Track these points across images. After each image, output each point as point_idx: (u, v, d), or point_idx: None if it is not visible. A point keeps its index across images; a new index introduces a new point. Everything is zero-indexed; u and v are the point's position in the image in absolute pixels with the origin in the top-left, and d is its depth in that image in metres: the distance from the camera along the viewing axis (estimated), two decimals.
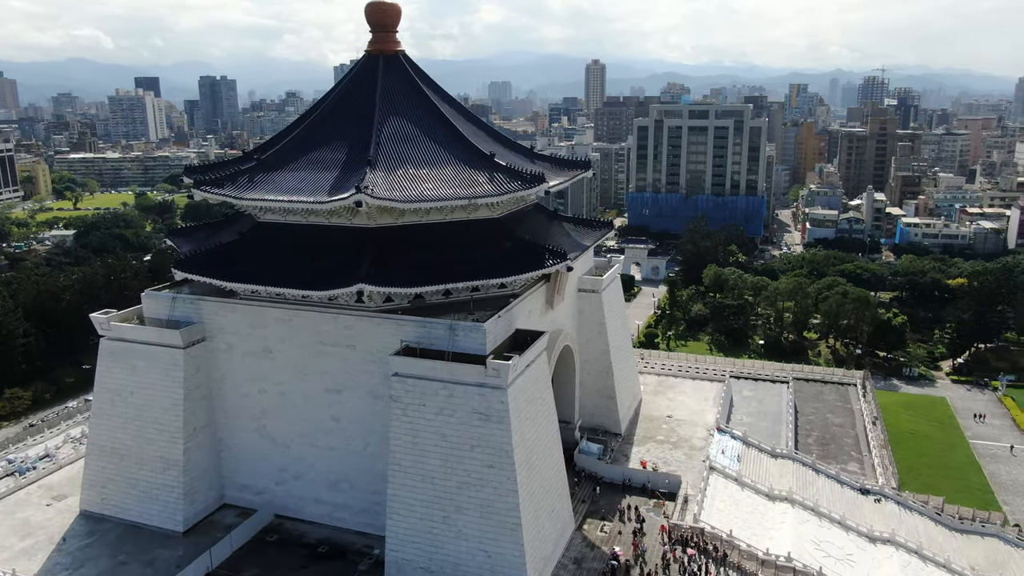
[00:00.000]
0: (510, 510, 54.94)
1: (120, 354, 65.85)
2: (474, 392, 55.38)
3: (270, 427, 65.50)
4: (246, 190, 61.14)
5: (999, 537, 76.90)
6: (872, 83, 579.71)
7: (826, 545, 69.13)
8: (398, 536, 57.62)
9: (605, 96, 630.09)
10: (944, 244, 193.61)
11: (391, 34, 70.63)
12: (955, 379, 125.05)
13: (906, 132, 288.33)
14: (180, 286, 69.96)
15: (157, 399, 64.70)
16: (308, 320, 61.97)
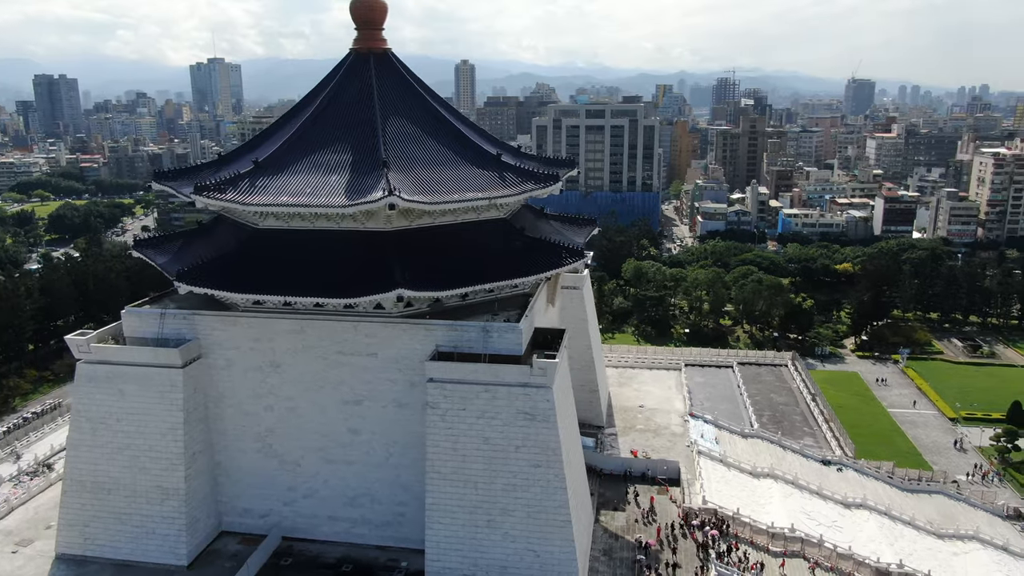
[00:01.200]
0: (559, 507, 55.16)
1: (103, 379, 60.03)
2: (518, 392, 55.10)
3: (277, 445, 61.95)
4: (252, 195, 57.46)
5: (944, 494, 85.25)
6: (724, 84, 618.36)
7: (815, 515, 74.06)
8: (438, 544, 56.38)
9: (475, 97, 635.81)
10: (821, 232, 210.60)
11: (378, 31, 68.62)
12: (860, 355, 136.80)
13: (774, 130, 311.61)
14: (159, 301, 64.88)
15: (151, 424, 59.58)
16: (324, 330, 59.18)
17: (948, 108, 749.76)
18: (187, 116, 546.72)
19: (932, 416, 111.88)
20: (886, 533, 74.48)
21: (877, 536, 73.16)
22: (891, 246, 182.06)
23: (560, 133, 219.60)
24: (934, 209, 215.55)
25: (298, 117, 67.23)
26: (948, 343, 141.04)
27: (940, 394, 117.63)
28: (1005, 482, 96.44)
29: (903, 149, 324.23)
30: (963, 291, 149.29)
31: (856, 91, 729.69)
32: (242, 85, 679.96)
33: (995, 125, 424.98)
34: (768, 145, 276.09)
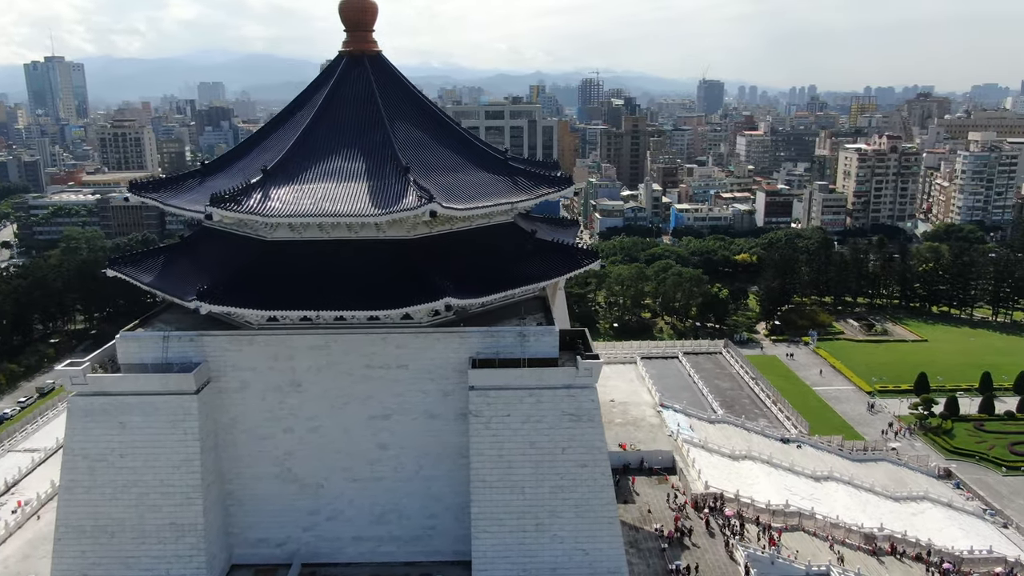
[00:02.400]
0: (606, 505, 56.13)
1: (101, 412, 54.69)
2: (563, 394, 55.49)
3: (297, 469, 58.80)
4: (271, 205, 54.21)
5: (888, 460, 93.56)
6: (588, 84, 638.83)
7: (794, 489, 79.23)
8: (486, 553, 55.82)
9: None
10: (711, 225, 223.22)
11: (370, 33, 66.50)
12: (774, 339, 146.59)
13: (653, 129, 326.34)
14: (149, 324, 59.95)
15: (162, 457, 54.94)
16: (350, 344, 56.84)
17: (786, 107, 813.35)
18: (23, 120, 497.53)
19: (851, 391, 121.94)
20: (855, 501, 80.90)
21: (850, 504, 79.32)
22: (780, 236, 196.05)
23: None
24: (807, 201, 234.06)
25: (292, 123, 64.01)
26: (846, 324, 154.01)
27: (853, 370, 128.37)
28: (915, 435, 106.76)
29: (770, 146, 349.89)
30: (852, 276, 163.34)
31: (707, 91, 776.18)
32: (86, 86, 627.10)
33: (833, 123, 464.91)
34: (651, 144, 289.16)
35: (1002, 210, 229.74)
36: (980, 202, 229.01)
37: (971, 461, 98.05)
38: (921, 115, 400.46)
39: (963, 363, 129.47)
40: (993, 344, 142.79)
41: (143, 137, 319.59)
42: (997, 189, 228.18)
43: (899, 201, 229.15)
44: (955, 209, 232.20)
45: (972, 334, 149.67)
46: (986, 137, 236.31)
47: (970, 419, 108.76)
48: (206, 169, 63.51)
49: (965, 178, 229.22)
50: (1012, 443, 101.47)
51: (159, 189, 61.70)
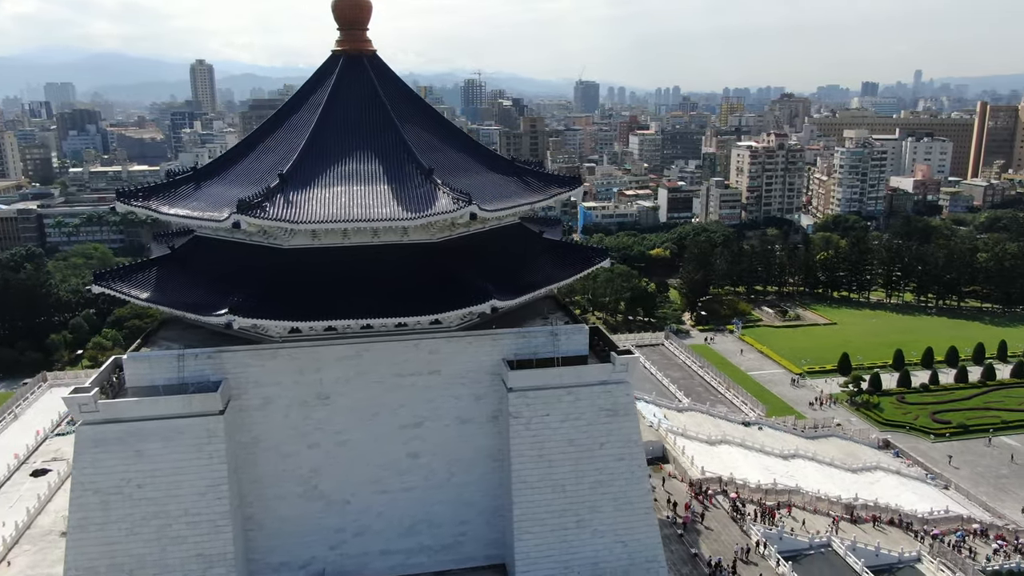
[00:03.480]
0: (643, 496, 57.38)
1: (114, 440, 50.30)
2: (599, 391, 56.24)
3: (324, 485, 56.36)
4: (296, 211, 51.66)
5: (836, 436, 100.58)
6: (471, 85, 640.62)
7: (772, 468, 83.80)
8: (529, 554, 55.73)
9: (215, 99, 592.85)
10: (619, 222, 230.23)
11: (365, 31, 64.48)
12: (701, 329, 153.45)
13: (551, 129, 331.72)
14: (152, 342, 55.72)
15: (185, 484, 51.20)
16: (382, 352, 55.12)
17: (655, 107, 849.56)
18: None
19: (782, 374, 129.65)
20: (822, 475, 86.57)
21: (818, 478, 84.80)
22: (687, 230, 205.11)
23: None
24: (705, 197, 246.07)
25: (290, 125, 61.09)
26: (762, 311, 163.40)
27: (779, 355, 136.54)
28: (848, 410, 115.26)
29: (660, 144, 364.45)
30: (762, 266, 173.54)
31: (584, 92, 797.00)
32: None
33: (706, 121, 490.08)
34: (550, 144, 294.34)
35: (875, 201, 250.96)
36: (857, 194, 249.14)
37: (902, 431, 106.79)
38: (789, 114, 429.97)
39: (873, 342, 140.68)
40: (893, 324, 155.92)
41: (4, 142, 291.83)
42: (871, 182, 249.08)
43: (787, 195, 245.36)
44: (835, 201, 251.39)
45: (873, 315, 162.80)
46: (859, 134, 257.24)
47: (892, 393, 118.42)
48: (199, 174, 59.38)
49: (843, 172, 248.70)
50: (933, 412, 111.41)
51: (150, 197, 57.06)
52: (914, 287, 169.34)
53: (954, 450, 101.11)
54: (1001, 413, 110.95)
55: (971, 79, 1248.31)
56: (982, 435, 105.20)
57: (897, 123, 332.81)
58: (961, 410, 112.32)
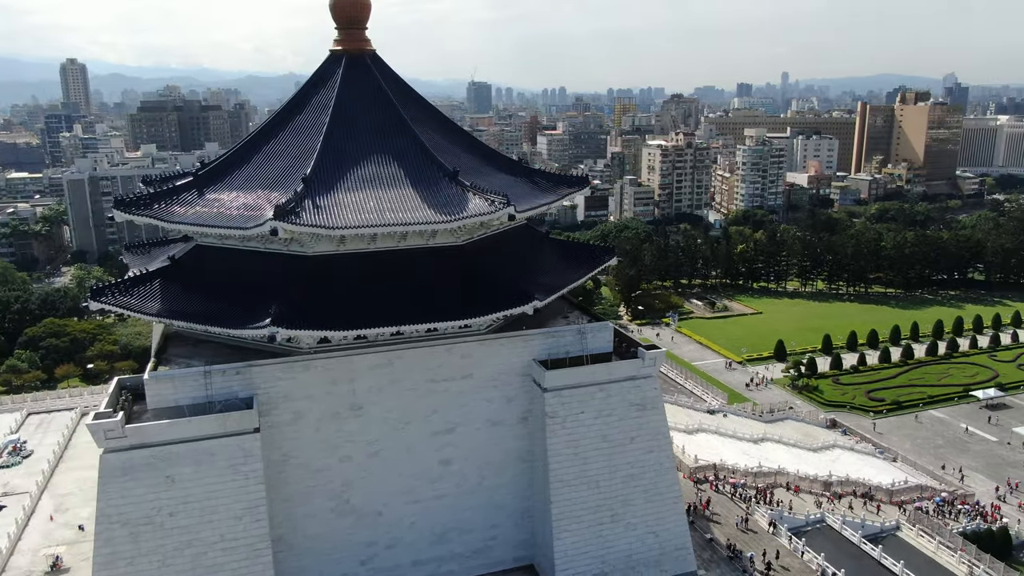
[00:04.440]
0: (671, 485, 58.84)
1: (145, 466, 46.89)
2: (629, 386, 57.23)
3: (356, 499, 54.55)
4: (328, 216, 49.75)
5: (791, 419, 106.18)
6: None
7: (749, 452, 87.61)
8: (567, 552, 56.07)
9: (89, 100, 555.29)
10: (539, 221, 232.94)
11: (364, 31, 62.79)
12: (638, 323, 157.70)
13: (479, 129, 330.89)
14: (168, 360, 52.23)
15: (221, 509, 48.35)
16: (414, 359, 53.88)
17: (544, 107, 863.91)
18: None
19: (722, 362, 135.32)
20: (791, 455, 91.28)
21: (788, 459, 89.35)
22: (609, 227, 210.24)
23: None
24: (619, 195, 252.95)
25: (295, 128, 58.58)
26: (692, 304, 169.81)
27: (717, 344, 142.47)
28: (771, 385, 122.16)
29: (568, 144, 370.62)
30: (687, 260, 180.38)
31: (477, 93, 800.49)
32: None
33: (600, 121, 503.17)
34: None
35: (775, 196, 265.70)
36: (759, 190, 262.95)
37: (843, 411, 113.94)
38: (683, 114, 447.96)
39: (799, 328, 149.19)
40: (813, 311, 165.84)
41: None
42: (771, 178, 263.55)
43: (696, 192, 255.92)
44: (739, 197, 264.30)
45: (793, 304, 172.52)
46: (759, 133, 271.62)
47: (827, 376, 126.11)
48: (200, 180, 56.05)
49: (745, 169, 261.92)
50: (867, 391, 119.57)
51: (152, 205, 53.38)
52: (826, 275, 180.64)
53: (892, 425, 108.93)
54: (925, 389, 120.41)
55: (831, 80, 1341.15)
56: (913, 410, 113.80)
57: (787, 122, 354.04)
58: (891, 388, 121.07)
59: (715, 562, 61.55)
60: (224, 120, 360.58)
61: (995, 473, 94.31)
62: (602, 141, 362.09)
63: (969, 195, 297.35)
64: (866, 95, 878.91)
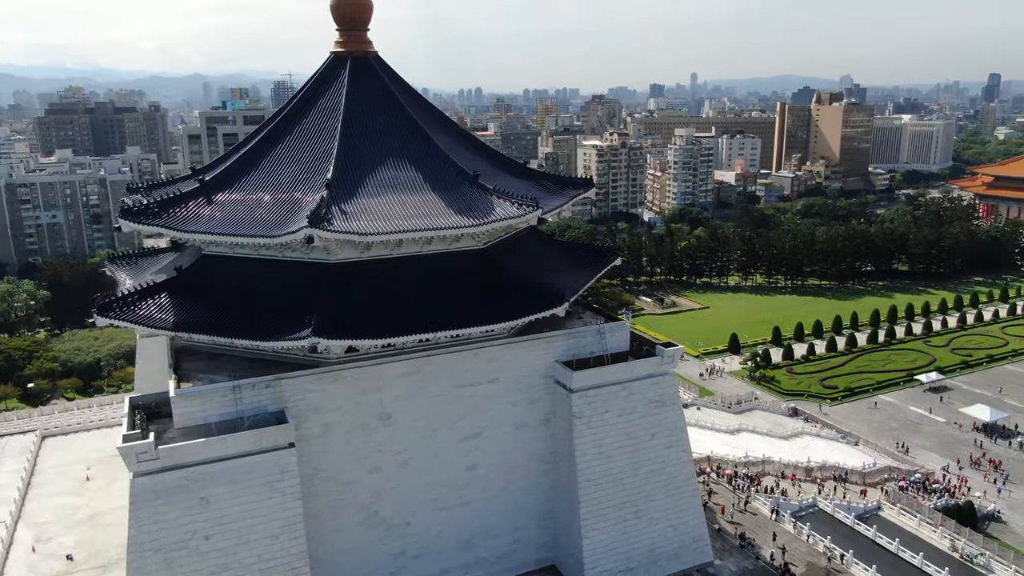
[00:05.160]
0: (688, 479, 60.27)
1: (179, 489, 44.76)
2: (649, 383, 58.28)
3: (385, 510, 53.61)
4: (358, 223, 48.67)
5: (758, 409, 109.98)
6: (281, 87, 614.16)
7: (730, 443, 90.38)
8: (595, 550, 56.73)
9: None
10: None
11: (366, 32, 61.62)
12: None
13: None
14: (185, 376, 49.93)
15: (258, 528, 46.66)
16: (442, 365, 53.34)
17: (465, 108, 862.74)
18: None
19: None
20: (767, 444, 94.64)
21: (765, 448, 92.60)
22: (551, 228, 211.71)
23: (217, 142, 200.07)
24: None
25: (304, 132, 56.99)
26: (642, 301, 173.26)
27: (672, 339, 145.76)
28: (726, 375, 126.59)
29: (501, 145, 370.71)
30: (634, 258, 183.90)
31: None
32: None
33: (525, 122, 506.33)
34: None
35: (705, 193, 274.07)
36: (690, 188, 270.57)
37: (802, 399, 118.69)
38: (608, 114, 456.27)
39: (747, 321, 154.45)
40: (757, 304, 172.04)
41: None
42: (701, 176, 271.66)
43: (632, 191, 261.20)
44: (671, 195, 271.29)
45: (736, 298, 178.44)
46: (688, 132, 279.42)
47: (781, 366, 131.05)
48: (207, 187, 53.74)
49: (677, 168, 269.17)
50: (821, 379, 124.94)
51: (161, 214, 50.95)
52: (764, 269, 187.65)
53: (848, 411, 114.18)
54: (873, 375, 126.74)
55: (737, 81, 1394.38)
56: (864, 395, 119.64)
57: (710, 122, 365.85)
58: (841, 375, 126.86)
59: (727, 551, 63.38)
60: (140, 123, 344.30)
61: (948, 452, 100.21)
62: (530, 142, 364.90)
63: (881, 190, 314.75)
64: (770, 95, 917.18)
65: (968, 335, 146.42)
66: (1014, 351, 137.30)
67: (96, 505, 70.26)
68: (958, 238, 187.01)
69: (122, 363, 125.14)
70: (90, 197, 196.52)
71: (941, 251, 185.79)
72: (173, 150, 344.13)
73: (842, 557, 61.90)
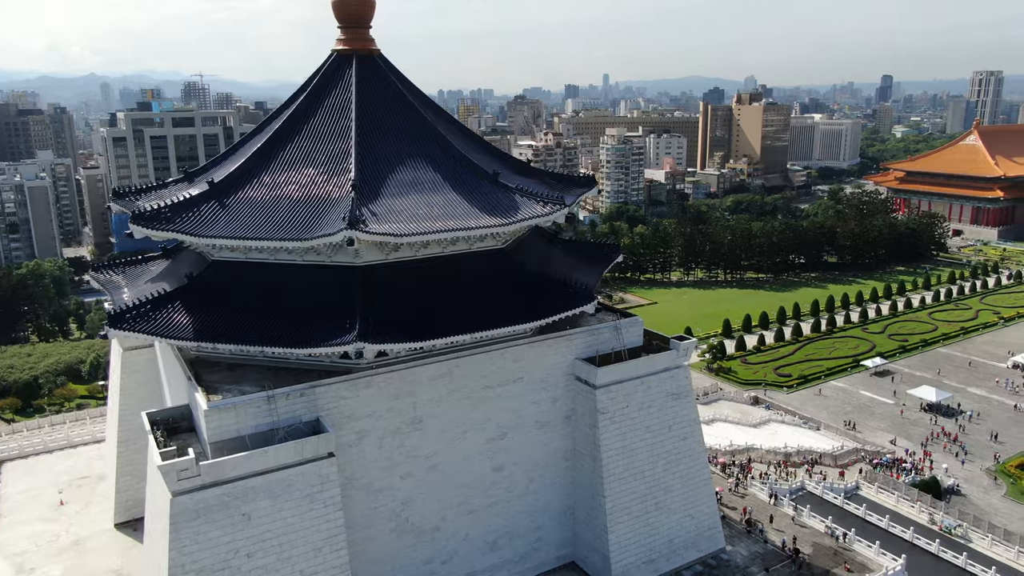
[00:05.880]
0: (702, 468, 61.70)
1: (220, 506, 42.72)
2: (665, 377, 59.31)
3: (415, 516, 52.68)
4: (391, 225, 47.69)
5: (722, 399, 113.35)
6: (191, 88, 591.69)
7: (709, 433, 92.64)
8: (621, 544, 57.39)
9: None
10: None
11: (369, 29, 60.31)
12: None
13: None
14: (211, 389, 47.70)
15: (299, 542, 45.07)
16: (472, 366, 52.82)
17: None
18: None
19: None
20: (740, 432, 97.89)
21: (739, 436, 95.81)
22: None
23: (143, 145, 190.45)
24: None
25: (313, 132, 55.29)
26: None
27: None
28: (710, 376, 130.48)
29: None
30: None
31: None
32: None
33: None
34: None
35: (637, 191, 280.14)
36: (623, 186, 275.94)
37: (759, 388, 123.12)
38: (533, 114, 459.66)
39: (696, 315, 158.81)
40: (701, 298, 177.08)
41: None
42: (632, 175, 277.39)
43: None
44: (604, 194, 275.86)
45: (681, 292, 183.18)
46: (620, 132, 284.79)
47: (736, 357, 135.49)
48: (217, 191, 51.41)
49: (610, 167, 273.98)
50: (775, 368, 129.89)
51: (174, 219, 48.45)
52: (705, 264, 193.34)
53: (804, 398, 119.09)
54: (822, 362, 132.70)
55: (647, 82, 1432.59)
56: (817, 382, 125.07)
57: (637, 121, 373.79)
58: (793, 364, 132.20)
59: (735, 537, 65.18)
60: (46, 126, 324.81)
61: (902, 432, 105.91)
62: None
63: (799, 186, 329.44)
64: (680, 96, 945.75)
65: (901, 321, 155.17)
66: (944, 335, 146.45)
67: (77, 531, 66.43)
68: (881, 230, 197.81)
69: (63, 380, 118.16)
70: (6, 205, 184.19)
71: (866, 243, 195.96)
72: (81, 154, 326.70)
73: (844, 536, 64.61)
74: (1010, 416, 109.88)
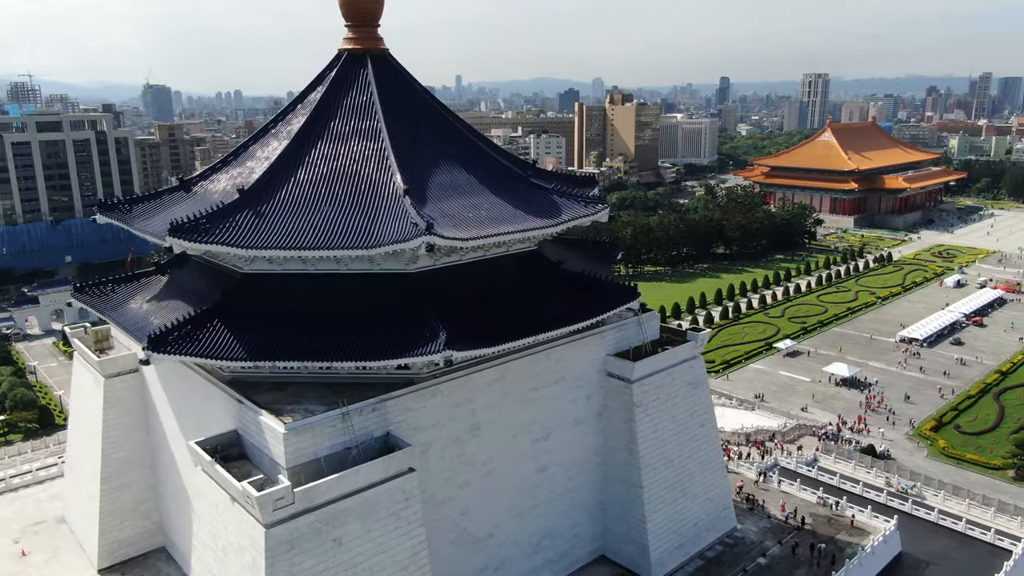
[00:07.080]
0: (718, 454, 64.68)
1: (312, 533, 40.23)
2: (685, 367, 61.63)
3: (471, 526, 51.83)
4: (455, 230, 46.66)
5: None
6: (19, 89, 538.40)
7: None
8: (656, 531, 59.15)
9: None
10: None
11: (378, 27, 58.27)
12: None
13: (193, 137, 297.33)
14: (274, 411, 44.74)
15: (387, 563, 43.25)
16: (521, 369, 52.59)
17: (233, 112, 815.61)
18: None
19: None
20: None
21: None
22: None
23: (5, 150, 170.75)
24: None
25: (339, 136, 52.84)
26: None
27: None
28: None
29: None
30: None
31: (155, 96, 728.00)
32: None
33: None
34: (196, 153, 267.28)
35: None
36: None
37: None
38: None
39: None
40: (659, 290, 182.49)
41: None
42: None
43: None
44: None
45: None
46: (505, 133, 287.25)
47: None
48: (248, 199, 47.99)
49: None
50: None
51: (213, 231, 44.84)
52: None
53: (734, 382, 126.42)
54: (739, 347, 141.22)
55: (499, 83, 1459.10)
56: (739, 366, 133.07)
57: (515, 121, 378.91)
58: (715, 350, 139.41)
59: (742, 514, 68.61)
60: None
61: (826, 405, 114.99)
62: None
63: (671, 182, 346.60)
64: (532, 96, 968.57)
65: (796, 305, 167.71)
66: (836, 316, 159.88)
67: None
68: (763, 222, 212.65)
69: None
70: None
71: (751, 234, 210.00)
72: None
73: (836, 504, 69.68)
74: (911, 385, 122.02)
